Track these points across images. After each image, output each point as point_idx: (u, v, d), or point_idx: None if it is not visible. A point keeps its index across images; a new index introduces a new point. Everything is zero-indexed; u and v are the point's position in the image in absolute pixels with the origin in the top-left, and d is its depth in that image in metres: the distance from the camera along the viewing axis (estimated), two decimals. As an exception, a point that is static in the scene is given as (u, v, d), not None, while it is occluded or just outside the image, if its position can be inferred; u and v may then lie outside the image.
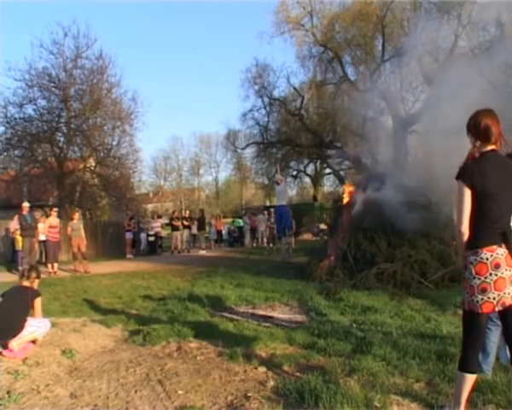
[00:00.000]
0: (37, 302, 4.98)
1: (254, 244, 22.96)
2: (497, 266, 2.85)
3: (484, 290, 2.86)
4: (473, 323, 2.97)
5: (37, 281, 5.23)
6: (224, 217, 30.36)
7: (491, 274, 2.85)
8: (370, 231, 9.44)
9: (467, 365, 2.97)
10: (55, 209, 14.03)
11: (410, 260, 8.49)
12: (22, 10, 68.77)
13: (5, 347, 4.61)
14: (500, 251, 2.88)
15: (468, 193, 2.90)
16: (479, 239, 2.91)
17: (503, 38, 13.42)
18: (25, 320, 4.76)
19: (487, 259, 2.87)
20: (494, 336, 3.72)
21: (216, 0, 66.89)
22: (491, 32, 16.20)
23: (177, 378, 4.12)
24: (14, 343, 4.60)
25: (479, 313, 2.90)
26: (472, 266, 2.92)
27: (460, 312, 3.31)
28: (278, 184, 15.09)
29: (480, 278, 2.88)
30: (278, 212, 15.09)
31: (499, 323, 3.24)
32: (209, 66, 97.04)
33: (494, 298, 2.85)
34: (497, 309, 2.90)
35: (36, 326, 4.84)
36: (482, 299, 2.86)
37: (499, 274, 2.85)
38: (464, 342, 3.03)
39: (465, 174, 2.93)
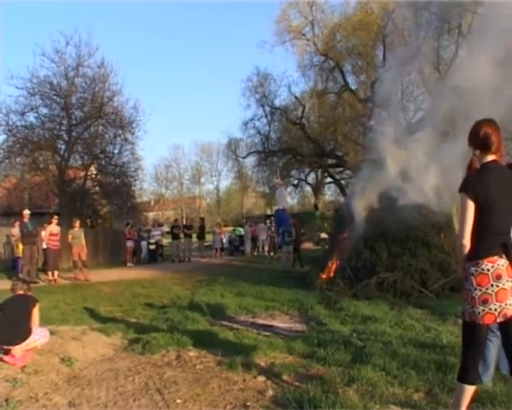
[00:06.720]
0: (36, 311, 5.00)
1: (255, 253, 22.95)
2: (499, 277, 2.83)
3: (485, 302, 2.83)
4: (473, 334, 2.94)
5: (28, 292, 5.25)
6: (225, 225, 30.29)
7: (492, 285, 2.83)
8: (371, 239, 9.40)
9: (466, 376, 2.94)
10: (56, 217, 14.00)
11: (410, 269, 8.44)
12: (25, 19, 69.34)
13: (7, 353, 4.62)
14: (501, 262, 2.86)
15: (471, 206, 2.87)
16: (480, 250, 2.89)
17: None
18: (30, 327, 4.81)
19: (488, 270, 2.84)
20: (495, 348, 3.70)
21: (217, 9, 67.44)
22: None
23: (175, 387, 4.11)
24: (18, 350, 4.62)
25: (480, 324, 2.87)
26: (473, 277, 2.89)
27: (460, 321, 3.28)
28: (277, 187, 15.10)
29: (481, 290, 2.85)
30: (277, 216, 15.07)
31: (499, 334, 3.22)
32: (210, 75, 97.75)
33: (496, 309, 2.82)
34: (498, 320, 2.86)
35: (38, 335, 4.91)
36: (483, 310, 2.84)
37: (500, 285, 2.82)
38: (464, 353, 3.00)
39: (468, 187, 2.90)
